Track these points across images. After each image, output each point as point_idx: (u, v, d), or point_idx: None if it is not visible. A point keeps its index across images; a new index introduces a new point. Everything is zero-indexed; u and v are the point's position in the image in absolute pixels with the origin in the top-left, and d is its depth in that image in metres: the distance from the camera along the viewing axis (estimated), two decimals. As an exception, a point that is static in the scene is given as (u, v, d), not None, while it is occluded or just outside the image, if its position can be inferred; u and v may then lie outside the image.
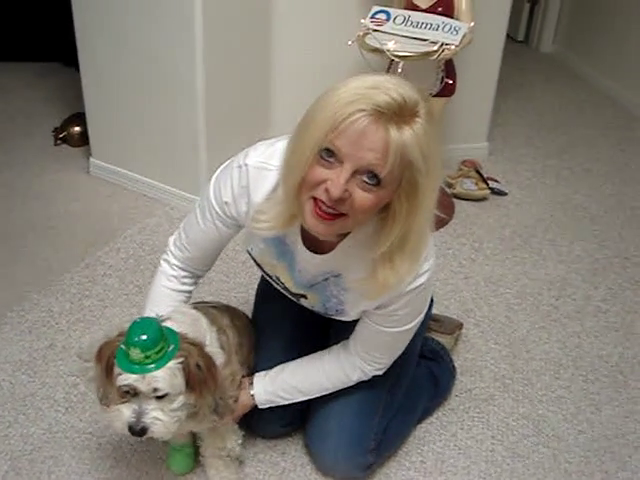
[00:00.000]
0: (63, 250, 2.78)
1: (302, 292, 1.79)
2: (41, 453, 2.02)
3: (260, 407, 1.90)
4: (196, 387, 1.59)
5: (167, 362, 1.53)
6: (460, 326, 2.43)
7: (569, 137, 3.90)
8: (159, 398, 1.55)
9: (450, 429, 2.18)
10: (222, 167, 1.71)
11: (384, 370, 1.87)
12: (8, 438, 2.05)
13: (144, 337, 1.49)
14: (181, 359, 1.55)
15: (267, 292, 2.06)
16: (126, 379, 1.52)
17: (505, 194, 3.30)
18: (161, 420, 1.56)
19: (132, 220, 2.94)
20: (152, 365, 1.51)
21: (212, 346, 1.73)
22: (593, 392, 2.34)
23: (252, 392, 1.89)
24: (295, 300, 1.86)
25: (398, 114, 1.31)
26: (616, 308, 2.69)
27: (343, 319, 1.80)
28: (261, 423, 1.96)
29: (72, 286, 2.60)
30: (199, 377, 1.59)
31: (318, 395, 1.91)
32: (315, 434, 1.98)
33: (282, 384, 1.88)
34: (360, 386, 1.91)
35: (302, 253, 1.67)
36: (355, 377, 1.86)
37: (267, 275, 1.86)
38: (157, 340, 1.51)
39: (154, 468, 2.00)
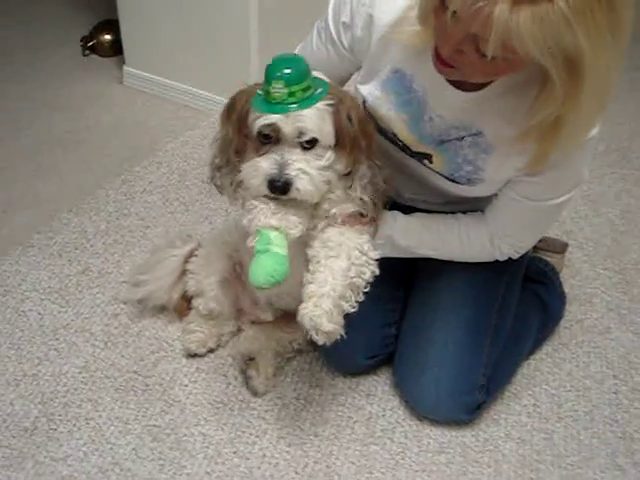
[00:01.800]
0: (95, 166, 2.47)
1: (427, 151, 1.48)
2: (77, 396, 1.74)
3: (375, 248, 1.49)
4: (347, 144, 1.35)
5: (315, 102, 1.31)
6: (566, 246, 2.06)
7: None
8: (305, 149, 1.33)
9: (564, 367, 1.85)
10: None
11: (521, 254, 1.62)
12: (37, 378, 1.78)
13: (288, 70, 1.28)
14: (331, 101, 1.33)
15: None
16: (267, 119, 1.30)
17: (594, 106, 2.90)
18: (308, 173, 1.33)
19: (173, 133, 2.62)
20: (296, 104, 1.29)
21: None
22: None
23: None
24: (416, 162, 1.54)
25: None
26: None
27: (474, 194, 1.51)
28: (341, 355, 1.62)
29: (108, 204, 2.29)
30: (350, 131, 1.34)
31: (444, 257, 1.61)
32: (408, 368, 1.67)
33: (409, 228, 1.56)
34: (464, 307, 1.63)
35: (440, 93, 1.39)
36: (489, 247, 1.57)
37: (380, 133, 1.53)
38: (304, 75, 1.29)
39: (214, 414, 1.70)
